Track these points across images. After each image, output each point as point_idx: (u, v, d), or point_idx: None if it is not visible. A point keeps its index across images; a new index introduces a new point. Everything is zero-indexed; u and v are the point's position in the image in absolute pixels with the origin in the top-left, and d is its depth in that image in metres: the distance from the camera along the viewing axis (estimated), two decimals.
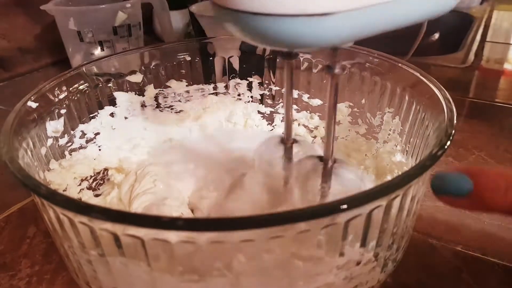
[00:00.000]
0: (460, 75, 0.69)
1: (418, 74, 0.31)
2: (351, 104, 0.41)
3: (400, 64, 0.33)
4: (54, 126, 0.32)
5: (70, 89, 0.35)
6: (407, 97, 0.33)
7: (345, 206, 0.17)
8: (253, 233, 0.18)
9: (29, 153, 0.28)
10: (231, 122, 0.47)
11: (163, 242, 0.19)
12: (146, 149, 0.43)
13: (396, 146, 0.34)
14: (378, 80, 0.36)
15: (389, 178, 0.33)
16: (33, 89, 0.31)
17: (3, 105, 0.59)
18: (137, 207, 0.33)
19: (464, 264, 0.31)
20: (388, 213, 0.21)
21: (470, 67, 0.71)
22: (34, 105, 0.30)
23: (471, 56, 0.75)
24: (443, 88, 0.28)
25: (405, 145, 0.33)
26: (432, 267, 0.31)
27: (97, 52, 0.62)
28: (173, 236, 0.18)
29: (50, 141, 0.32)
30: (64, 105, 0.34)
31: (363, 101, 0.39)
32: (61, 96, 0.34)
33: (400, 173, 0.32)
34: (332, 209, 0.17)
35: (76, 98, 0.36)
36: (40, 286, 0.31)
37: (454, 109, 0.25)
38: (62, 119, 0.33)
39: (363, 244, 0.21)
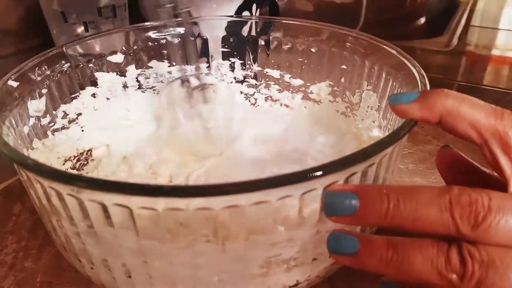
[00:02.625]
0: (448, 59, 0.70)
1: (395, 52, 0.32)
2: (331, 83, 0.42)
3: (379, 44, 0.34)
4: (36, 106, 0.32)
5: (51, 69, 0.35)
6: (384, 75, 0.34)
7: (320, 173, 0.18)
8: (237, 198, 0.19)
9: (12, 131, 0.28)
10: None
11: (151, 210, 0.19)
12: (128, 130, 0.43)
13: (374, 122, 0.36)
14: (357, 59, 0.38)
15: None
16: None
17: None
18: None
19: None
20: (363, 181, 0.22)
21: (454, 51, 0.72)
22: (14, 84, 0.30)
23: (455, 40, 0.77)
24: (418, 65, 0.29)
25: (382, 119, 0.34)
26: None
27: (81, 31, 0.61)
28: (160, 204, 0.19)
29: (32, 120, 0.32)
30: (45, 85, 0.34)
31: (343, 79, 0.40)
32: (42, 76, 0.34)
33: None
34: (308, 174, 0.18)
35: (57, 78, 0.36)
36: (26, 260, 0.32)
37: (428, 83, 0.26)
38: (43, 99, 0.33)
39: None
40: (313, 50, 0.42)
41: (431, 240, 0.19)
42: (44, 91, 0.34)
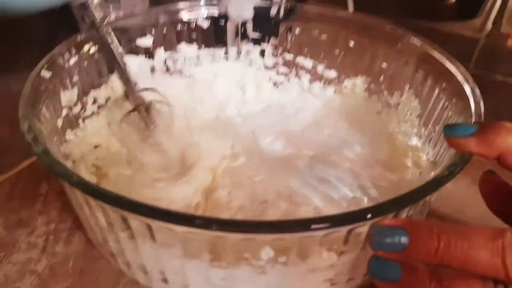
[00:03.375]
0: (483, 47, 0.66)
1: (446, 61, 0.30)
2: (368, 79, 0.40)
3: (428, 47, 0.32)
4: (68, 96, 0.31)
5: (80, 53, 0.34)
6: (429, 82, 0.32)
7: (376, 215, 0.18)
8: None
9: (47, 126, 0.27)
10: (241, 89, 0.46)
11: (196, 235, 0.19)
12: None
13: (413, 129, 0.34)
14: (401, 60, 0.36)
15: (405, 161, 0.34)
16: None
17: None
18: None
19: None
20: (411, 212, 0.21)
21: (491, 36, 0.67)
22: (47, 74, 0.29)
23: (489, 24, 0.72)
24: (472, 80, 0.28)
25: (423, 128, 0.33)
26: None
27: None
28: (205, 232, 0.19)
29: (64, 111, 0.31)
30: (76, 72, 0.33)
31: (382, 78, 0.38)
32: (73, 63, 0.33)
33: (412, 160, 0.32)
34: (364, 215, 0.18)
35: (86, 63, 0.34)
36: (57, 244, 0.32)
37: (482, 111, 0.25)
38: (75, 88, 0.32)
39: None
40: (351, 43, 0.40)
41: (477, 277, 0.19)
42: (75, 78, 0.33)
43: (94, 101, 0.36)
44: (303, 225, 0.17)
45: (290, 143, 0.37)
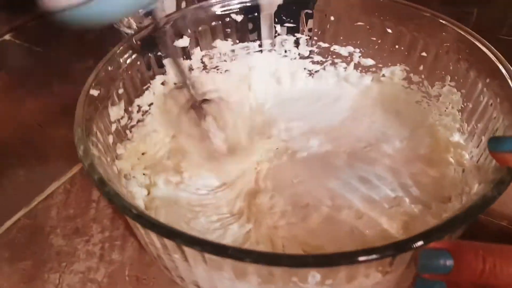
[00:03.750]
0: None
1: (490, 55, 0.29)
2: (407, 68, 0.39)
3: (472, 39, 0.31)
4: (116, 112, 0.33)
5: (123, 64, 0.35)
6: (472, 75, 0.31)
7: (421, 243, 0.19)
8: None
9: (100, 147, 0.29)
10: (276, 80, 0.46)
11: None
12: None
13: (454, 123, 0.34)
14: (441, 50, 0.34)
15: (447, 157, 0.33)
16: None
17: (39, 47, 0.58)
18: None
19: (510, 240, 0.32)
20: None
21: None
22: (96, 92, 0.31)
23: None
24: None
25: (465, 124, 0.32)
26: None
27: None
28: None
29: (114, 127, 0.33)
30: (121, 85, 0.34)
31: (421, 67, 0.37)
32: (116, 76, 0.34)
33: (455, 157, 0.32)
34: (404, 246, 0.19)
35: (130, 73, 0.36)
36: (113, 252, 0.33)
37: None
38: (122, 102, 0.34)
39: None
40: (389, 30, 0.38)
41: None
42: (120, 91, 0.34)
43: (139, 109, 0.37)
44: (350, 257, 0.18)
45: (328, 139, 0.37)
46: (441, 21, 0.34)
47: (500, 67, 0.28)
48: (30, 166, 0.41)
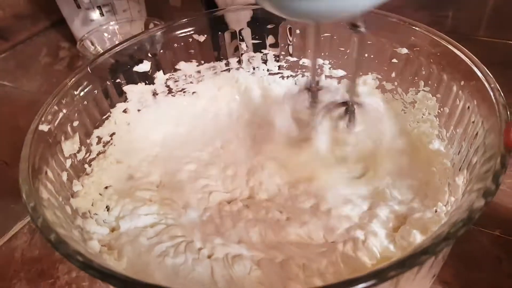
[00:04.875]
0: None
1: (462, 56, 0.27)
2: (379, 76, 0.37)
3: (441, 41, 0.29)
4: (70, 146, 0.30)
5: (76, 96, 0.33)
6: (446, 79, 0.30)
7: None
8: None
9: (50, 187, 0.26)
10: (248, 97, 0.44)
11: None
12: (161, 137, 0.41)
13: (432, 130, 0.32)
14: (411, 54, 0.33)
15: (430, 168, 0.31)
16: (35, 57, 0.28)
17: (8, 81, 0.56)
18: None
19: (504, 251, 0.30)
20: None
21: None
22: (46, 128, 0.28)
23: None
24: (492, 78, 0.25)
25: (444, 129, 0.31)
26: (470, 257, 0.30)
27: (96, 17, 0.58)
28: None
29: (69, 162, 0.30)
30: (75, 116, 0.32)
31: (393, 74, 0.36)
32: (70, 107, 0.31)
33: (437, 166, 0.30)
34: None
35: (86, 103, 0.33)
36: None
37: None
38: (77, 134, 0.31)
39: None
40: (355, 39, 0.37)
41: None
42: (75, 124, 0.32)
43: (99, 141, 0.35)
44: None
45: None
46: (409, 25, 0.33)
47: (474, 68, 0.26)
48: None
